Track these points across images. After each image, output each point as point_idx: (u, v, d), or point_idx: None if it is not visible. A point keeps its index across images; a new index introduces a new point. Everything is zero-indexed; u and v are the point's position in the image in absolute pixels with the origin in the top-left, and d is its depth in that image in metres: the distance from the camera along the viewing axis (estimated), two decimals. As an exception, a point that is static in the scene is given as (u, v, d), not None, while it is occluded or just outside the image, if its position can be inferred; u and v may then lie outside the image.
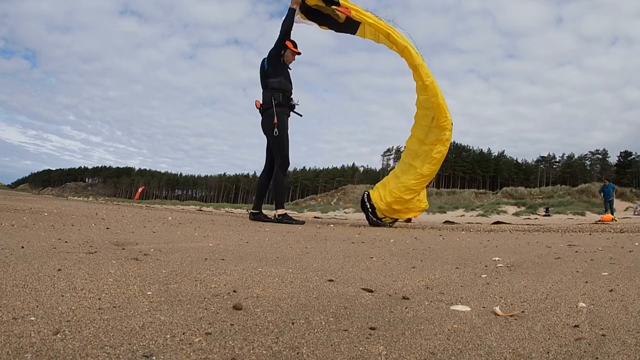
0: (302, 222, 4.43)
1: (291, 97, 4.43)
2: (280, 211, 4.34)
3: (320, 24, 4.85)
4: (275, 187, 4.40)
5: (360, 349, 0.68)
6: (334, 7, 4.53)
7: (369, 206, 4.73)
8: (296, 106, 4.45)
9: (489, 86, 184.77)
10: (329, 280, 1.22)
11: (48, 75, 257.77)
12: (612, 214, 13.53)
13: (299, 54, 4.51)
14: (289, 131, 4.45)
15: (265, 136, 4.49)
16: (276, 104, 4.26)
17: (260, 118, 4.45)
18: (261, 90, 4.47)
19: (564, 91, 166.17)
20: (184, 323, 0.75)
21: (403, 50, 4.49)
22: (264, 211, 4.66)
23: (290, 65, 4.57)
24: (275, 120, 4.22)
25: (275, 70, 4.36)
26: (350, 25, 4.80)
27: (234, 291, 1.02)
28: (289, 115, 4.44)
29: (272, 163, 4.54)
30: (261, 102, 4.37)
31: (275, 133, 4.21)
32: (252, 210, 4.67)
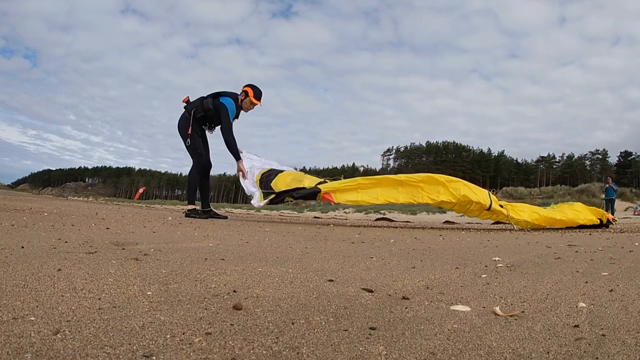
0: (201, 215, 4.64)
1: (206, 125, 4.72)
2: (190, 207, 4.71)
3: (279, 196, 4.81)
4: (188, 184, 4.79)
5: (360, 349, 0.68)
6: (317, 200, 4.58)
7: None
8: (204, 129, 4.79)
9: (491, 86, 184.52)
10: (329, 280, 1.22)
11: (48, 74, 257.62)
12: (613, 214, 13.54)
13: (259, 105, 4.75)
14: (207, 135, 4.82)
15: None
16: (193, 116, 4.62)
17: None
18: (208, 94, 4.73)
19: (566, 91, 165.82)
20: (184, 323, 0.75)
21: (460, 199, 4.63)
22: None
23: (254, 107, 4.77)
24: (190, 131, 4.60)
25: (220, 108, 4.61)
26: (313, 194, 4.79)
27: (234, 291, 1.02)
28: (203, 129, 4.76)
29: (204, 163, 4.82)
30: (188, 101, 4.70)
31: (188, 143, 4.61)
32: (199, 208, 4.98)
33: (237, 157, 4.66)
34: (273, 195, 4.53)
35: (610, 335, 0.79)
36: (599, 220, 5.53)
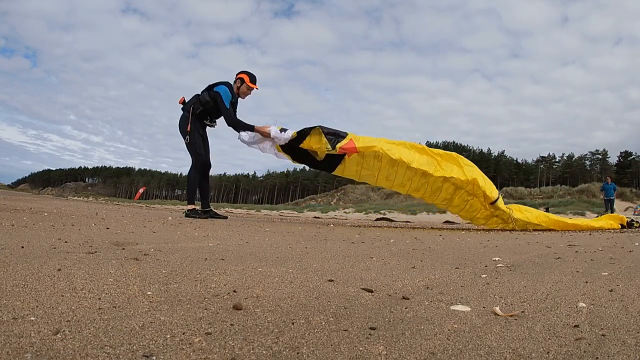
0: (201, 215, 4.63)
1: (208, 119, 4.69)
2: (190, 207, 4.70)
3: (294, 159, 4.69)
4: (187, 184, 4.78)
5: (360, 349, 0.68)
6: (339, 146, 4.22)
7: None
8: (206, 124, 4.75)
9: (492, 86, 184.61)
10: (329, 280, 1.22)
11: (49, 74, 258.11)
12: (612, 213, 13.54)
13: (255, 89, 4.74)
14: (207, 134, 4.80)
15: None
16: (192, 113, 4.61)
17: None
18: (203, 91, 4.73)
19: (567, 91, 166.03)
20: (184, 323, 0.75)
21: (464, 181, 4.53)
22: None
23: (250, 94, 4.75)
24: (189, 129, 4.59)
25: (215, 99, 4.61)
26: (329, 163, 4.68)
27: (234, 291, 1.02)
28: (204, 126, 4.74)
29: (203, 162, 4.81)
30: (184, 102, 4.69)
31: (187, 140, 4.58)
32: (199, 209, 4.99)
33: (251, 127, 4.50)
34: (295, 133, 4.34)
35: (610, 335, 0.79)
36: (619, 226, 5.57)
